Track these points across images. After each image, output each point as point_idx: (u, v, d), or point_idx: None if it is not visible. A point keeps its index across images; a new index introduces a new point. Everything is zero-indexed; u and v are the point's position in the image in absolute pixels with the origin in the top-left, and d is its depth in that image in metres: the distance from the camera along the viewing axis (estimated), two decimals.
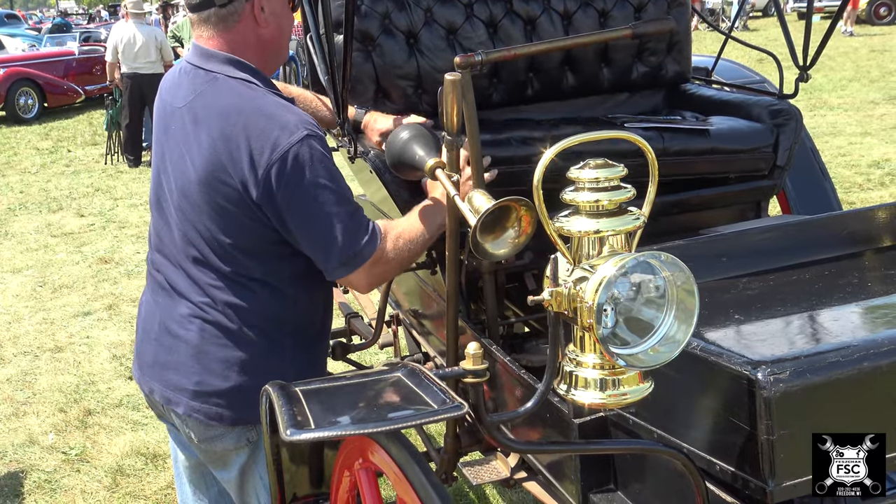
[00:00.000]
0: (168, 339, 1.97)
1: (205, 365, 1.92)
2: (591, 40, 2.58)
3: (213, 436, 1.98)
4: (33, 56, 15.74)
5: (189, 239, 1.92)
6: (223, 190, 1.82)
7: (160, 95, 2.07)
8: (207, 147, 1.83)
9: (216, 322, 1.91)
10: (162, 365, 1.99)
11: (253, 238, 1.87)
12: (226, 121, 1.81)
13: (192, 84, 1.92)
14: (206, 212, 1.86)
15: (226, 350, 1.91)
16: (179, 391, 1.96)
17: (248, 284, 1.91)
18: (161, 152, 2.00)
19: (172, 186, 1.94)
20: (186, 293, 1.95)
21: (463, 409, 1.25)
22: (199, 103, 1.88)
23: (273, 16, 1.95)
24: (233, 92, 1.86)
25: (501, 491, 3.43)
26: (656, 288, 1.28)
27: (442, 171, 1.82)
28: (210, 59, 1.93)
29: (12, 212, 8.59)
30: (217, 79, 1.89)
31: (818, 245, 2.00)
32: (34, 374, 4.83)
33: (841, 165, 7.86)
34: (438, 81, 1.76)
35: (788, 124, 2.65)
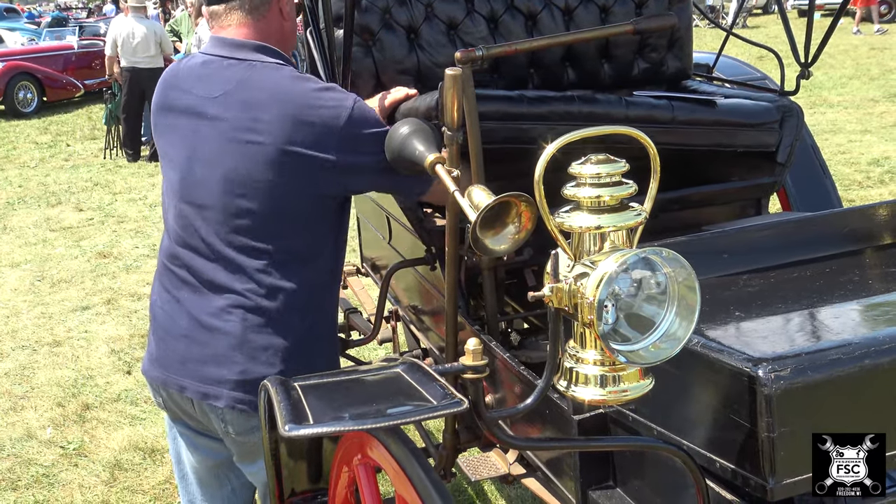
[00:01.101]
0: (202, 333, 1.97)
1: (248, 354, 1.92)
2: (592, 36, 2.57)
3: (254, 426, 1.96)
4: (32, 50, 15.70)
5: (235, 226, 1.93)
6: (295, 163, 1.88)
7: (178, 90, 2.06)
8: (272, 127, 1.88)
9: (259, 308, 1.93)
10: (197, 360, 1.98)
11: (311, 208, 1.95)
12: (286, 100, 1.89)
13: (228, 74, 1.96)
14: (263, 192, 1.90)
15: (270, 337, 1.93)
16: (220, 384, 1.95)
17: (295, 263, 1.95)
18: (191, 145, 1.99)
19: (216, 174, 1.93)
20: (226, 283, 1.95)
21: (463, 404, 1.25)
22: (246, 90, 1.92)
23: (292, 11, 2.08)
24: (279, 75, 1.95)
25: (500, 487, 3.43)
26: (657, 284, 1.27)
27: (442, 167, 1.81)
28: (240, 48, 1.99)
29: (11, 206, 8.58)
30: (255, 66, 1.96)
31: (819, 242, 2.00)
32: (32, 369, 4.83)
33: (841, 163, 7.86)
34: (439, 76, 1.76)
35: (789, 121, 2.64)
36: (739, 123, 2.55)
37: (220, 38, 2.03)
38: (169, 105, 2.07)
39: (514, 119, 2.29)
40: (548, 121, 2.27)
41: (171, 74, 2.12)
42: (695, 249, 1.88)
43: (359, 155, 1.92)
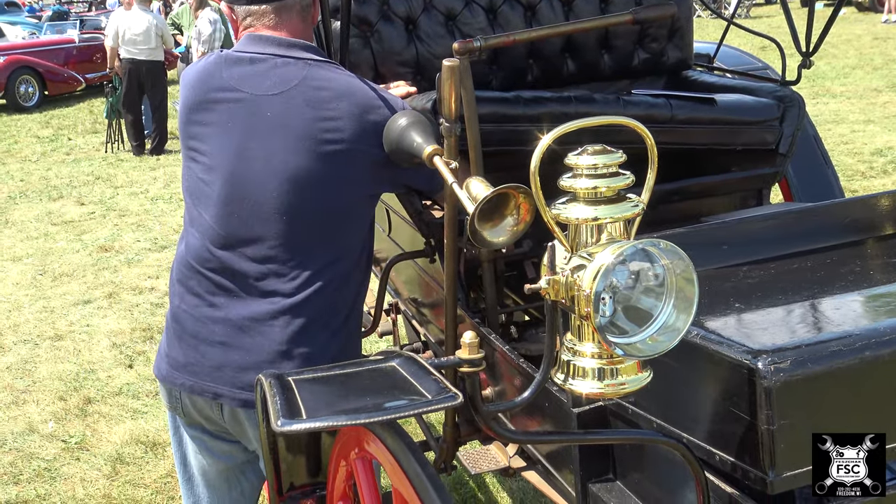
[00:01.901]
0: (244, 339, 1.92)
1: (296, 360, 1.90)
2: (592, 26, 2.55)
3: None
4: (33, 44, 15.68)
5: (293, 225, 1.90)
6: (360, 160, 1.92)
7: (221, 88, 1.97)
8: (342, 125, 1.91)
9: (305, 312, 1.91)
10: (237, 367, 1.93)
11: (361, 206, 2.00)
12: (352, 99, 1.93)
13: (285, 72, 1.95)
14: (325, 188, 1.91)
15: (316, 342, 1.92)
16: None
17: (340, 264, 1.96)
18: (242, 143, 1.92)
19: (276, 172, 1.89)
20: (273, 287, 1.91)
21: (458, 399, 1.24)
22: (309, 88, 1.93)
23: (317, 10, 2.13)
24: (338, 73, 1.98)
25: (501, 480, 3.43)
26: (655, 276, 1.26)
27: (440, 159, 1.80)
28: (293, 47, 1.99)
29: (13, 200, 8.58)
30: (311, 65, 1.97)
31: (820, 233, 1.99)
32: (34, 363, 4.83)
33: (843, 153, 7.83)
34: (437, 68, 1.75)
35: (791, 111, 2.62)
36: (739, 121, 2.54)
37: (268, 37, 1.99)
38: (209, 103, 1.98)
39: (510, 121, 2.28)
40: (543, 123, 2.27)
41: (204, 72, 2.03)
42: (694, 240, 1.87)
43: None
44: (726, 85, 2.89)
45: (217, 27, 10.33)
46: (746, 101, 2.60)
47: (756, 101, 2.60)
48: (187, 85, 2.05)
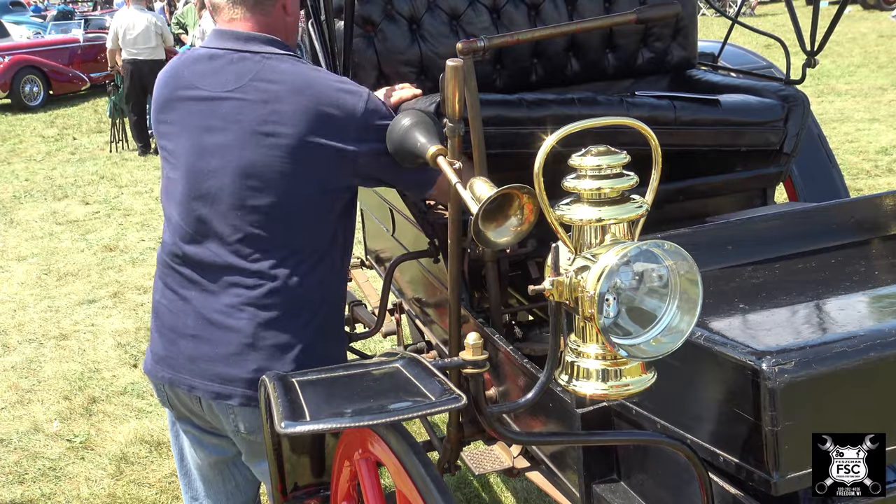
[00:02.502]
0: (213, 331, 1.95)
1: (262, 352, 1.92)
2: (596, 25, 2.55)
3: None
4: (38, 44, 15.72)
5: (248, 220, 1.92)
6: (315, 153, 1.90)
7: (183, 86, 2.02)
8: (292, 118, 1.89)
9: (271, 305, 1.92)
10: (207, 359, 1.96)
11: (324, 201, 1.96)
12: (305, 91, 1.91)
13: (241, 67, 1.95)
14: (279, 185, 1.90)
15: (283, 334, 1.92)
16: (232, 382, 1.93)
17: (308, 258, 1.95)
18: (201, 140, 1.96)
19: (231, 168, 1.92)
20: (236, 280, 1.94)
21: (461, 400, 1.23)
22: (262, 82, 1.92)
23: (294, 7, 2.09)
24: (293, 66, 1.96)
25: (505, 480, 3.43)
26: (659, 277, 1.25)
27: (443, 159, 1.80)
28: (250, 41, 1.98)
29: (18, 199, 8.59)
30: (268, 58, 1.96)
31: (825, 233, 1.98)
32: (39, 362, 4.84)
33: (848, 152, 7.81)
34: (441, 67, 1.74)
35: (795, 110, 2.62)
36: (743, 122, 2.54)
37: (228, 31, 2.01)
38: (173, 101, 2.04)
39: (513, 124, 2.28)
40: (547, 125, 2.26)
41: (172, 71, 2.08)
42: (698, 241, 1.87)
43: (373, 144, 1.93)
44: (731, 84, 2.88)
45: None
46: (751, 103, 2.59)
47: (760, 101, 2.60)
48: (158, 84, 2.10)
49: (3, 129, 12.73)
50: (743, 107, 2.56)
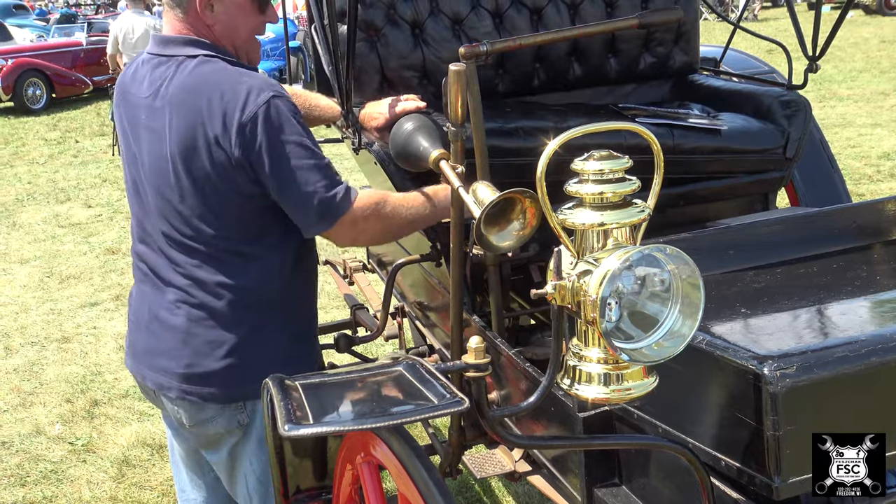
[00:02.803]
0: (157, 326, 2.02)
1: (193, 348, 1.96)
2: (598, 30, 2.55)
3: (205, 419, 2.02)
4: (41, 47, 15.75)
5: (170, 222, 1.95)
6: (203, 161, 1.86)
7: (122, 93, 2.07)
8: (183, 124, 1.86)
9: (202, 304, 1.95)
10: (153, 352, 2.03)
11: (236, 206, 1.91)
12: (195, 94, 1.86)
13: (156, 72, 1.95)
14: (187, 189, 1.89)
15: (213, 331, 1.95)
16: (171, 376, 1.99)
17: (232, 260, 1.95)
18: (132, 145, 2.02)
19: (149, 174, 1.96)
20: (170, 279, 1.98)
21: (463, 404, 1.24)
22: (169, 87, 1.91)
23: (224, 15, 1.97)
24: (196, 68, 1.91)
25: (507, 484, 3.43)
26: (661, 281, 1.26)
27: (446, 163, 1.81)
28: (168, 44, 1.97)
29: (20, 202, 8.61)
30: (180, 61, 1.93)
31: (827, 238, 1.98)
32: (41, 365, 4.84)
33: (851, 157, 7.81)
34: (444, 72, 1.75)
35: (798, 115, 2.62)
36: (743, 150, 2.55)
37: (155, 37, 2.03)
38: (119, 108, 2.09)
39: (508, 155, 2.28)
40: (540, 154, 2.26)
41: (123, 76, 2.11)
42: (700, 245, 1.87)
43: (256, 156, 1.84)
44: (733, 89, 2.89)
45: None
46: (751, 129, 2.59)
47: (761, 127, 2.60)
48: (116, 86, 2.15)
49: (6, 131, 12.75)
50: (743, 133, 2.56)
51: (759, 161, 2.60)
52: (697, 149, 2.49)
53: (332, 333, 2.92)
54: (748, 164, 2.59)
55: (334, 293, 5.17)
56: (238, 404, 2.00)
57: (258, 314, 1.98)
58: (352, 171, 8.50)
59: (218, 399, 1.98)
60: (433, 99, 2.69)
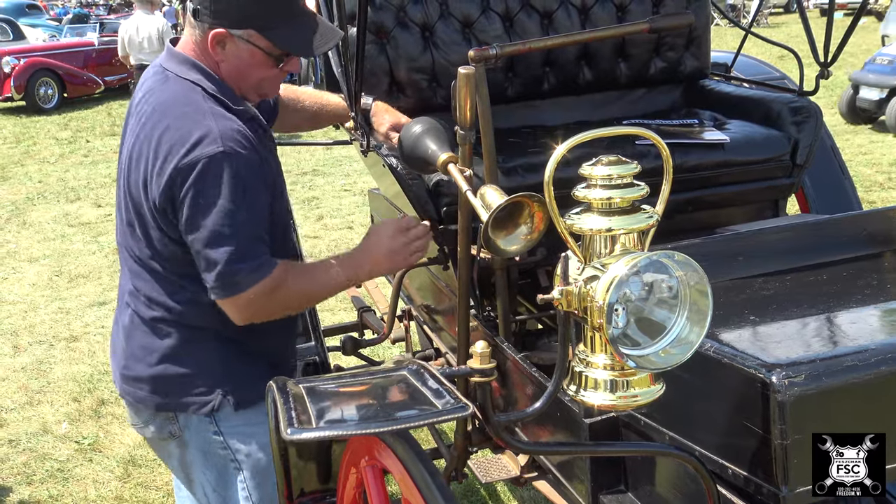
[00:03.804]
0: (115, 325, 2.10)
1: (131, 350, 2.00)
2: (608, 34, 2.55)
3: (142, 421, 2.05)
4: (53, 46, 15.81)
5: (121, 228, 1.99)
6: (140, 185, 1.84)
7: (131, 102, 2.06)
8: (137, 142, 1.85)
9: (139, 311, 1.98)
10: (112, 347, 2.12)
11: (164, 239, 1.87)
12: (152, 118, 1.84)
13: (149, 83, 1.95)
14: (129, 205, 1.91)
15: (147, 337, 1.97)
16: (116, 372, 2.07)
17: (167, 277, 1.94)
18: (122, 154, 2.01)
19: (121, 181, 1.96)
20: (123, 282, 2.05)
21: (468, 409, 1.23)
22: (147, 101, 1.90)
23: (234, 57, 1.89)
24: (173, 91, 1.87)
25: (512, 489, 3.42)
26: (669, 288, 1.25)
27: (454, 166, 1.80)
28: (173, 59, 1.94)
29: (31, 201, 8.64)
30: (168, 78, 1.90)
31: (837, 245, 1.97)
32: (49, 364, 4.86)
33: (861, 164, 7.78)
34: (453, 75, 1.74)
35: (808, 122, 2.61)
36: (749, 161, 2.54)
37: (169, 48, 2.00)
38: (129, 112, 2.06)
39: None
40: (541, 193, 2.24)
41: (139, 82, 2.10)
42: (709, 252, 1.86)
43: (179, 203, 1.78)
44: (743, 95, 2.88)
45: None
46: (757, 138, 2.58)
47: (767, 136, 2.58)
48: None
49: (18, 130, 12.80)
50: (749, 143, 2.55)
51: (767, 169, 2.58)
52: (703, 165, 2.48)
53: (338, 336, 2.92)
54: (755, 173, 2.58)
55: (341, 295, 5.17)
56: (168, 414, 2.00)
57: (189, 331, 1.96)
58: (361, 174, 8.50)
59: (147, 405, 2.00)
60: (442, 102, 2.69)
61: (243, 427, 1.97)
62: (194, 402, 1.96)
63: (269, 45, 1.87)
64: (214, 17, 1.84)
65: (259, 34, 1.86)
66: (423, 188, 2.33)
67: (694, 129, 2.65)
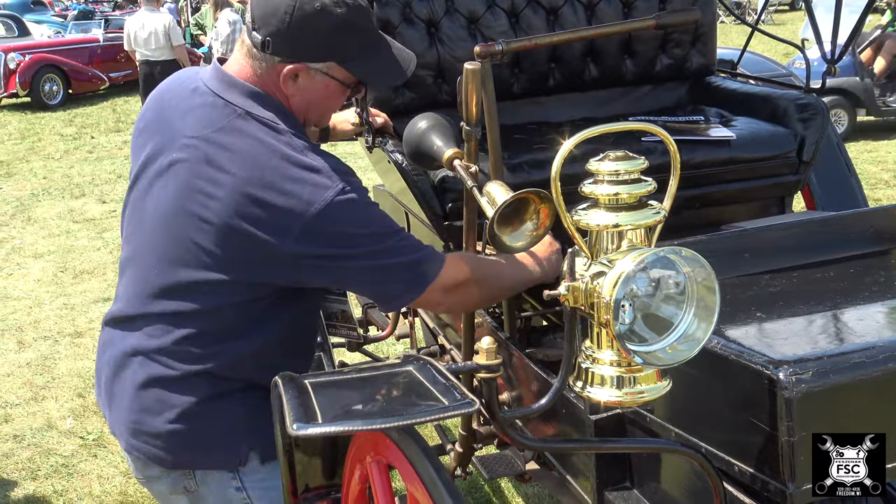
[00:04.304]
0: (119, 370, 1.82)
1: (144, 404, 1.77)
2: (614, 31, 2.54)
3: (151, 476, 1.86)
4: (58, 42, 15.82)
5: (157, 282, 1.75)
6: (241, 241, 1.65)
7: (162, 111, 1.82)
8: (226, 194, 1.64)
9: (159, 361, 1.76)
10: (111, 395, 1.85)
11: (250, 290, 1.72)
12: (253, 168, 1.63)
13: (210, 116, 1.72)
14: (196, 260, 1.69)
15: (167, 391, 1.76)
16: (121, 425, 1.83)
17: (207, 337, 1.75)
18: (148, 180, 1.79)
19: (157, 217, 1.75)
20: (138, 327, 1.79)
21: (474, 405, 1.23)
22: (219, 143, 1.67)
23: (306, 90, 1.76)
24: (257, 138, 1.67)
25: (516, 485, 3.41)
26: (676, 284, 1.24)
27: (460, 162, 1.80)
28: (232, 88, 1.73)
29: (35, 197, 8.65)
30: (240, 115, 1.70)
31: (844, 242, 1.96)
32: (54, 359, 4.86)
33: (867, 162, 7.75)
34: (459, 71, 1.74)
35: (815, 119, 2.60)
36: (755, 158, 2.53)
37: (219, 70, 1.77)
38: (148, 124, 1.85)
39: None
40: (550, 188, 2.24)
41: (163, 91, 1.88)
42: (715, 248, 1.85)
43: (324, 249, 1.65)
44: (749, 92, 2.87)
45: (237, 27, 10.37)
46: (763, 135, 2.57)
47: (773, 132, 2.58)
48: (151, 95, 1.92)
49: (23, 127, 12.82)
50: (755, 140, 2.54)
51: (773, 166, 2.58)
52: (708, 162, 2.48)
53: None
54: (762, 170, 2.57)
55: None
56: (185, 470, 1.82)
57: (217, 383, 1.77)
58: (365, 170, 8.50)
59: (162, 461, 1.80)
60: (448, 98, 2.69)
61: (268, 480, 1.81)
62: (218, 458, 1.80)
63: (347, 75, 1.77)
64: (293, 51, 1.70)
65: (339, 65, 1.75)
66: (429, 184, 2.33)
67: (700, 126, 2.64)
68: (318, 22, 1.68)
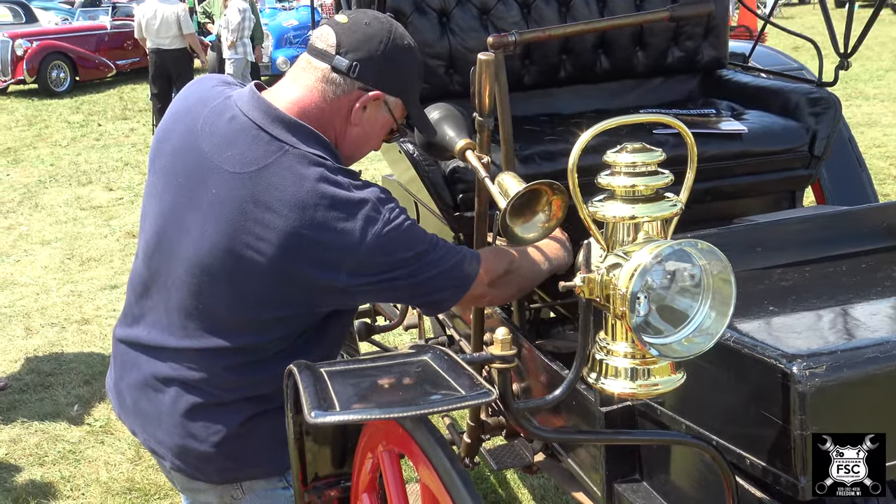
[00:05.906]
0: (151, 392, 1.81)
1: (189, 430, 1.77)
2: (627, 22, 2.54)
3: (197, 488, 1.88)
4: (66, 30, 15.81)
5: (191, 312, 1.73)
6: (293, 278, 1.65)
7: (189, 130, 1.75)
8: (275, 235, 1.61)
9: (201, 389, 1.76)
10: (144, 415, 1.84)
11: (299, 317, 1.74)
12: (303, 209, 1.60)
13: (253, 149, 1.66)
14: (242, 297, 1.69)
15: (211, 417, 1.77)
16: (164, 447, 1.82)
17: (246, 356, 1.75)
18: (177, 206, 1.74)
19: (190, 257, 1.70)
20: (172, 359, 1.77)
21: (492, 395, 1.23)
22: (267, 182, 1.63)
23: (368, 123, 1.77)
24: (305, 176, 1.63)
25: (523, 476, 3.42)
26: (692, 276, 1.24)
27: (472, 153, 1.80)
28: (279, 123, 1.68)
29: (42, 184, 8.66)
30: (287, 152, 1.65)
31: (856, 237, 1.96)
32: (61, 346, 4.88)
33: (876, 157, 7.73)
34: (470, 61, 1.74)
35: (827, 113, 2.59)
36: (767, 152, 2.53)
37: (261, 100, 1.71)
38: (172, 141, 1.79)
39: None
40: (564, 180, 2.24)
41: (190, 107, 1.80)
42: (728, 241, 1.84)
43: (375, 276, 1.67)
44: (761, 85, 2.86)
45: (246, 16, 10.36)
46: (774, 128, 2.57)
47: (784, 126, 2.57)
48: (179, 98, 1.86)
49: (30, 113, 12.83)
50: (766, 134, 2.54)
51: (785, 159, 2.57)
52: (720, 155, 2.48)
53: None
54: (773, 164, 2.57)
55: None
56: (233, 484, 1.85)
57: (259, 402, 1.79)
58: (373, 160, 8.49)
59: (211, 479, 1.84)
60: (459, 89, 2.68)
61: None
62: (265, 469, 1.84)
63: (401, 115, 1.81)
64: (378, 79, 1.71)
65: (403, 105, 1.80)
66: (440, 174, 2.32)
67: (711, 119, 2.63)
68: (404, 58, 1.76)
